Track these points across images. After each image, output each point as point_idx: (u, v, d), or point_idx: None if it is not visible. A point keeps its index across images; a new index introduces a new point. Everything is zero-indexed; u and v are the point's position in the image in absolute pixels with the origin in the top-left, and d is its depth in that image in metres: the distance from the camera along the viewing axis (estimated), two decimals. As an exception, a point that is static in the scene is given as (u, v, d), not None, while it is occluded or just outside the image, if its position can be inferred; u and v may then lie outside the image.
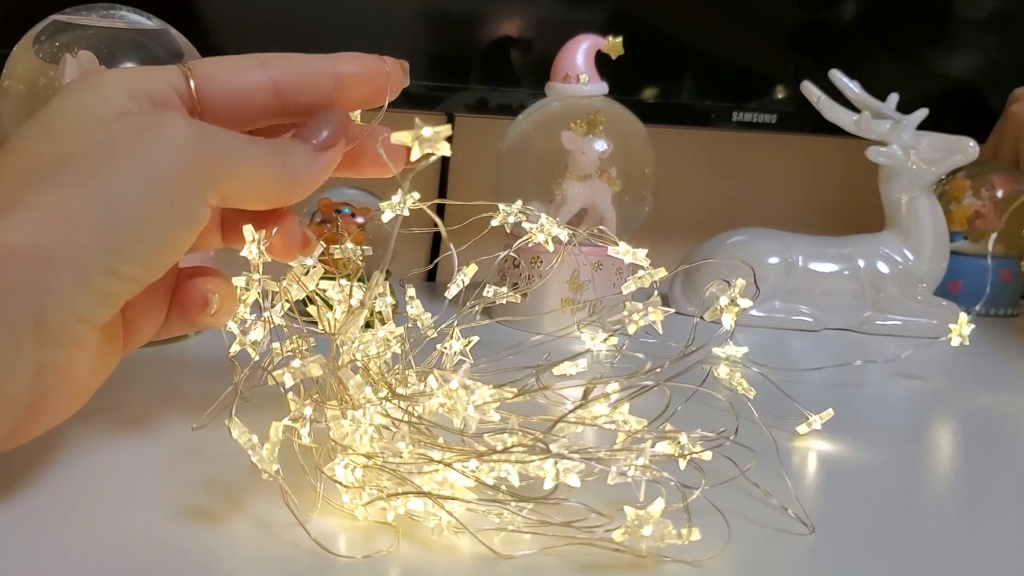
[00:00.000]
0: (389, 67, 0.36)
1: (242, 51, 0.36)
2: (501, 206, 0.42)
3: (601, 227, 0.42)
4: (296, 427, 0.32)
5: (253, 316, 0.38)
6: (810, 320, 0.71)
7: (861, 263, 0.71)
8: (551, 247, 0.42)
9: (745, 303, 0.35)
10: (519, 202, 0.42)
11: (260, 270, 0.36)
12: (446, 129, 0.30)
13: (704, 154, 0.96)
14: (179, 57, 0.55)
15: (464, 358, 0.43)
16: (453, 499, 0.30)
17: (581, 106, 0.65)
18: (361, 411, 0.32)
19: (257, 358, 0.36)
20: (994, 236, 0.74)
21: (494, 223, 0.42)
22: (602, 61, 0.66)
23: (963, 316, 0.54)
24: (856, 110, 0.71)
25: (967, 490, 0.41)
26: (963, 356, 0.56)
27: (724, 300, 0.35)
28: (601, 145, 0.64)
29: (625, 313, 0.35)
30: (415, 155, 0.30)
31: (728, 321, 0.35)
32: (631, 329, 0.35)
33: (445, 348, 0.43)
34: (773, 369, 0.46)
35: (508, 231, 0.43)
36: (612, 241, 0.40)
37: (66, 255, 0.28)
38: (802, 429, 0.44)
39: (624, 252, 0.40)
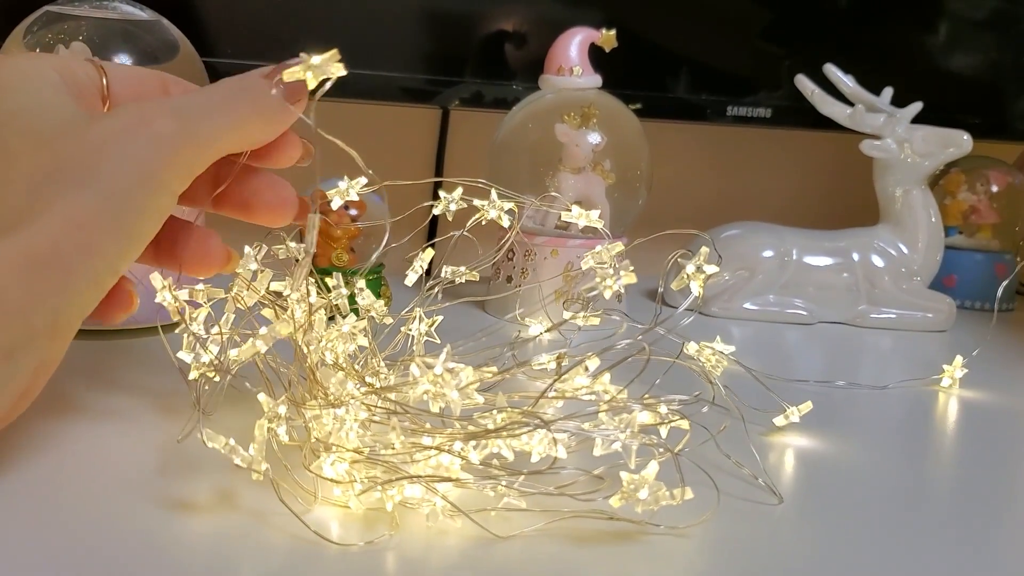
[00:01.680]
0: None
1: (235, 42, 0.37)
2: (443, 194, 0.43)
3: (554, 193, 0.42)
4: (272, 427, 0.32)
5: (206, 336, 0.38)
6: (804, 313, 0.71)
7: (856, 256, 0.71)
8: (505, 223, 0.42)
9: (711, 269, 0.35)
10: (459, 190, 0.43)
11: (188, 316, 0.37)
12: (334, 53, 0.30)
13: (699, 148, 0.96)
14: (174, 48, 0.55)
15: (431, 338, 0.43)
16: (448, 480, 0.31)
17: (575, 98, 0.65)
18: (344, 408, 0.32)
19: (217, 378, 0.37)
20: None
21: (436, 211, 0.43)
22: (597, 54, 0.66)
23: (958, 359, 0.55)
24: (850, 104, 0.71)
25: (957, 481, 0.41)
26: (958, 350, 0.56)
27: (690, 268, 0.35)
28: (595, 138, 0.64)
29: (597, 279, 0.35)
30: (312, 85, 0.31)
31: (696, 288, 0.36)
32: (607, 295, 0.36)
33: (410, 331, 0.43)
34: (758, 365, 0.46)
35: (450, 219, 0.43)
36: (565, 208, 0.41)
37: (83, 259, 0.30)
38: (779, 421, 0.44)
39: (578, 216, 0.40)
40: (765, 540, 0.33)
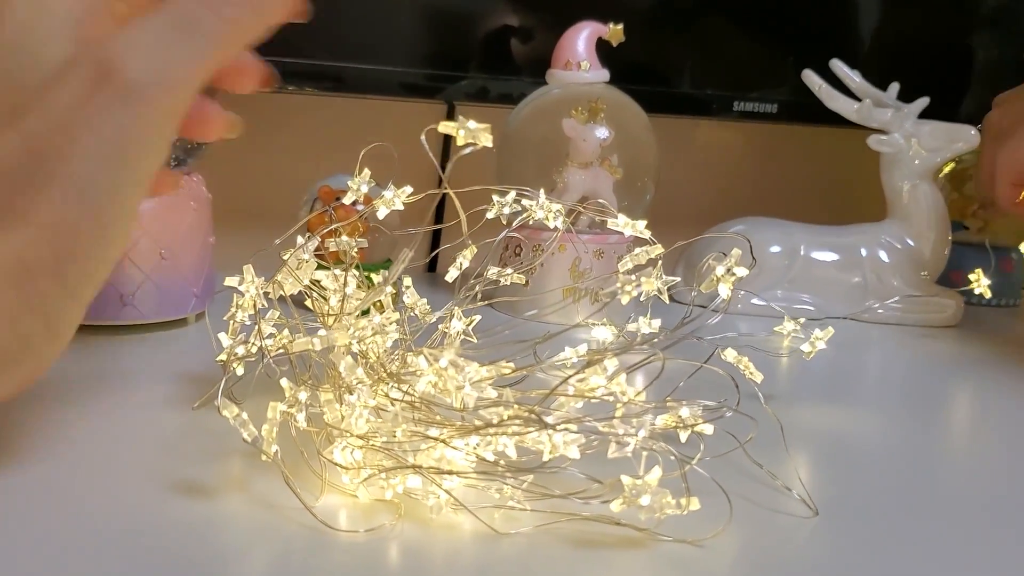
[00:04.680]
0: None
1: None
2: (495, 197, 0.42)
3: (601, 200, 0.42)
4: (292, 413, 0.32)
5: (250, 323, 0.38)
6: (812, 309, 0.71)
7: (863, 252, 0.71)
8: (551, 223, 0.42)
9: (741, 271, 0.35)
10: (512, 193, 0.42)
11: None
12: (488, 127, 0.34)
13: (706, 144, 0.96)
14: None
15: (468, 338, 0.43)
16: (450, 473, 0.31)
17: (582, 93, 0.65)
18: (355, 395, 0.32)
19: (241, 371, 0.37)
20: None
21: (489, 215, 0.42)
22: (604, 49, 0.66)
23: (979, 270, 0.62)
24: (857, 99, 0.71)
25: (973, 477, 0.41)
26: (968, 345, 0.56)
27: (720, 270, 0.35)
28: (602, 132, 0.64)
29: (618, 285, 0.35)
30: (459, 143, 0.34)
31: (724, 291, 0.35)
32: (624, 300, 0.36)
33: (448, 329, 0.43)
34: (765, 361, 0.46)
35: (504, 222, 0.43)
36: (612, 215, 0.40)
37: (72, 264, 0.28)
38: (806, 348, 0.46)
39: (624, 224, 0.40)
40: (791, 543, 0.32)
